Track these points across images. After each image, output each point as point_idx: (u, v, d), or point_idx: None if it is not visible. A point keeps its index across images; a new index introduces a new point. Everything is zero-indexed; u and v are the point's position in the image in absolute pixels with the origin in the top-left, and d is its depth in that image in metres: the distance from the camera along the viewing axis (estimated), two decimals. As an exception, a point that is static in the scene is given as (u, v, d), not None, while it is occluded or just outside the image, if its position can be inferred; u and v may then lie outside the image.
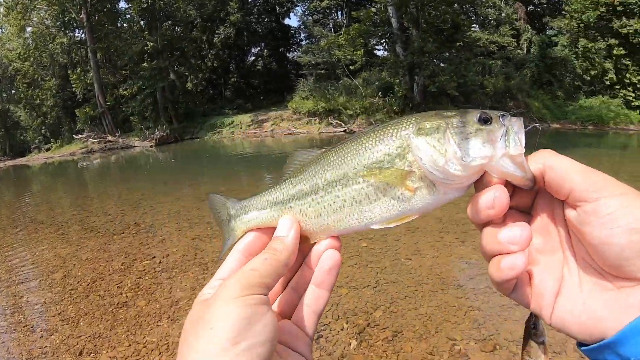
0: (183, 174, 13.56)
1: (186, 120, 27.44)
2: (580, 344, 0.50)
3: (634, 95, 25.57)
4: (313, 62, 29.04)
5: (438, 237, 5.74)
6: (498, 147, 0.53)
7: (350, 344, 3.41)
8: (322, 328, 3.65)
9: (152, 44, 26.62)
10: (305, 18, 37.35)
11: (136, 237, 6.65)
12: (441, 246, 5.43)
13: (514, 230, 0.51)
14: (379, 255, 5.20)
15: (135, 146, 25.44)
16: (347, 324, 3.70)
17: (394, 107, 21.29)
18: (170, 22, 28.28)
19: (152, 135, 25.13)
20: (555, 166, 0.49)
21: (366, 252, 5.33)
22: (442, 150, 0.55)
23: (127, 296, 4.61)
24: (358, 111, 21.66)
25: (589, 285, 0.50)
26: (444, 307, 4.01)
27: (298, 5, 36.27)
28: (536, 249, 0.55)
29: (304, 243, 0.62)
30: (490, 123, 0.55)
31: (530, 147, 0.56)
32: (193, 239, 6.30)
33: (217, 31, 32.83)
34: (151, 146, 24.42)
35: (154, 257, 5.68)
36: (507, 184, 0.53)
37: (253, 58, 40.17)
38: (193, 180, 12.00)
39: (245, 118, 25.85)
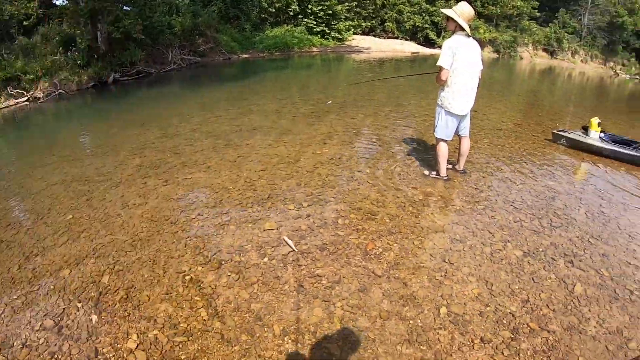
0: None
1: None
2: None
3: (315, 22, 30.80)
4: (-21, 24, 19.98)
5: (141, 184, 5.68)
6: None
7: (91, 320, 3.16)
8: (58, 319, 3.14)
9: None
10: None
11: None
12: (146, 192, 5.37)
13: None
14: (88, 222, 4.78)
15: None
16: (79, 302, 3.34)
17: (78, 62, 18.04)
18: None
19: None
20: None
21: (74, 223, 4.80)
22: None
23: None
24: (39, 74, 17.13)
25: None
26: (164, 247, 4.11)
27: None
28: None
29: None
30: None
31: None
32: None
33: None
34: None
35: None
36: None
37: None
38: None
39: None
